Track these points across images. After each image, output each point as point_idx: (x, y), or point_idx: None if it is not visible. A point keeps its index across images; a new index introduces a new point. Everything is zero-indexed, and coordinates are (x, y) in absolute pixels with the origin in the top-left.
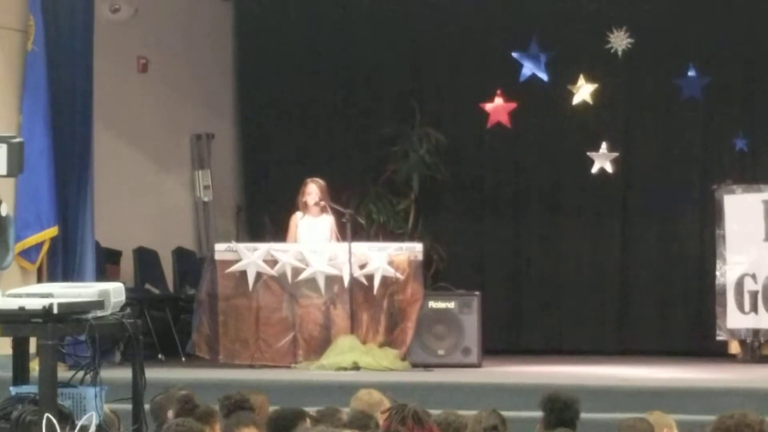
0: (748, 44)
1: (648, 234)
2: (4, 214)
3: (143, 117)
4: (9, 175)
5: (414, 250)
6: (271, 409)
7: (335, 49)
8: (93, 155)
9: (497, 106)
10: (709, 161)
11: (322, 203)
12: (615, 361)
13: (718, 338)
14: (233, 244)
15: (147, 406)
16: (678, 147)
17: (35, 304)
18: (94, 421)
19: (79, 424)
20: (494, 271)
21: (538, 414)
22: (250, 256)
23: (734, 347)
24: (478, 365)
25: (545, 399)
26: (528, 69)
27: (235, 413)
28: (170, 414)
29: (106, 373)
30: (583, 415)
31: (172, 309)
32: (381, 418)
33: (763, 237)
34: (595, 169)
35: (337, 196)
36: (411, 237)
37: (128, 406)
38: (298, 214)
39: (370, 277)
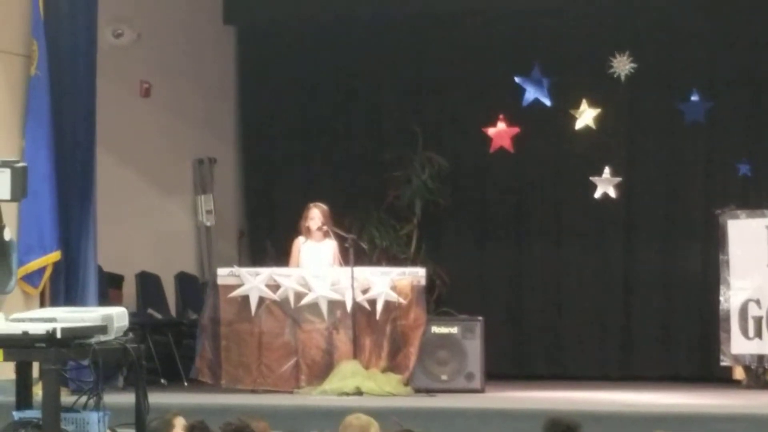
0: (751, 69)
1: (651, 259)
2: (7, 238)
3: (146, 141)
4: (12, 199)
5: (417, 275)
6: None
7: (337, 74)
8: (96, 180)
9: (500, 131)
10: (713, 186)
11: (325, 228)
12: (618, 386)
13: (722, 364)
14: (236, 269)
15: None
16: (681, 172)
17: (38, 328)
18: None
19: None
20: (497, 296)
21: None
22: (253, 281)
23: (738, 373)
24: (481, 390)
25: (548, 423)
26: (531, 94)
27: None
28: None
29: (109, 398)
30: None
31: (175, 334)
32: None
33: (767, 262)
34: (598, 194)
35: (339, 221)
36: (414, 262)
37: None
38: (300, 239)
39: (372, 302)
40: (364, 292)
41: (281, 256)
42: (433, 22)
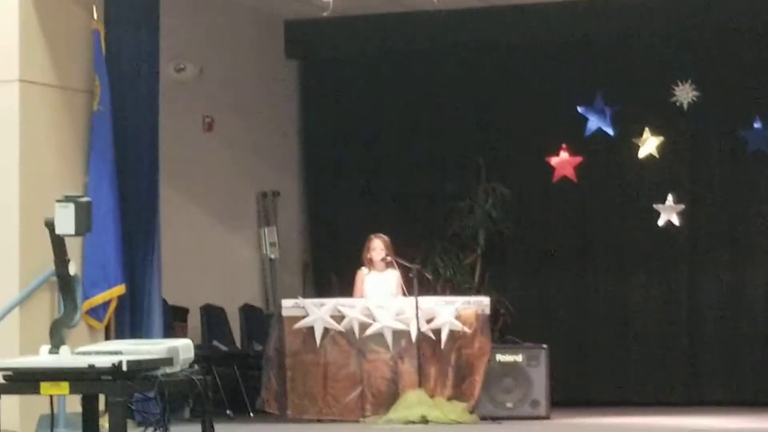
0: None
1: (716, 285)
2: (72, 273)
3: (209, 175)
4: (77, 234)
5: (481, 304)
6: None
7: (400, 106)
8: (160, 213)
9: (563, 160)
10: None
11: (388, 258)
12: (684, 411)
13: None
14: (300, 300)
15: None
16: (744, 198)
17: (104, 361)
18: None
19: None
20: (561, 324)
21: None
22: (317, 312)
23: None
24: (546, 417)
25: None
26: (593, 123)
27: None
28: None
29: (176, 430)
30: None
31: (240, 365)
32: None
33: None
34: (661, 222)
35: (403, 252)
36: (478, 291)
37: None
38: (363, 270)
39: (437, 332)
40: (429, 321)
41: (345, 287)
42: (495, 52)
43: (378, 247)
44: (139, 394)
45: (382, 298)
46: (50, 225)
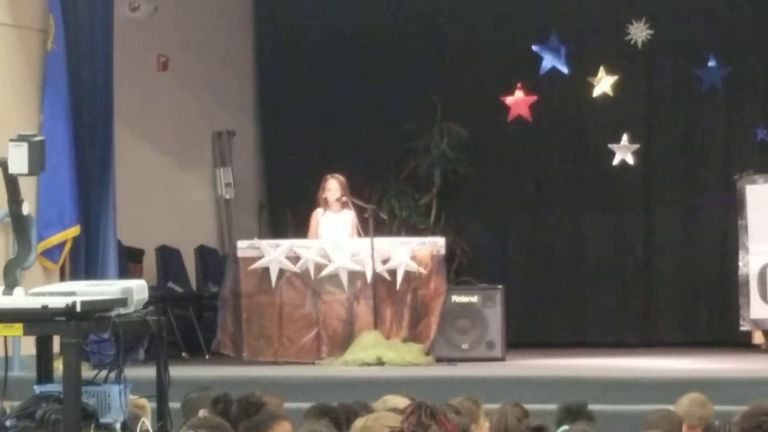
0: None
1: (670, 225)
2: (25, 213)
3: (164, 115)
4: (30, 173)
5: (437, 244)
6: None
7: (356, 45)
8: (114, 154)
9: (518, 100)
10: (731, 152)
11: (344, 199)
12: (639, 352)
13: (742, 329)
14: (256, 241)
15: (173, 405)
16: (699, 138)
17: (58, 302)
18: (120, 419)
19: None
20: (517, 264)
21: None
22: (273, 253)
23: (758, 337)
24: (502, 359)
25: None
26: (548, 62)
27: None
28: (202, 412)
29: (130, 372)
30: (608, 407)
31: (196, 307)
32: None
33: None
34: (616, 161)
35: (358, 192)
36: (433, 232)
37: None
38: (319, 211)
39: (393, 272)
40: (384, 262)
41: (301, 228)
42: None
43: (333, 187)
44: (94, 336)
45: (337, 239)
46: (3, 164)
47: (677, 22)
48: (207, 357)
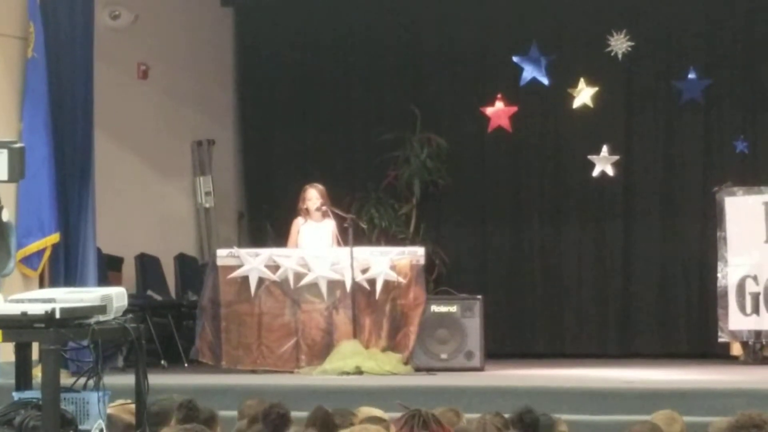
0: (747, 47)
1: (649, 236)
2: (5, 220)
3: (144, 123)
4: (10, 180)
5: (416, 254)
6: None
7: (336, 55)
8: (94, 162)
9: (498, 110)
10: (710, 164)
11: (324, 208)
12: (618, 363)
13: (720, 340)
14: (235, 250)
15: None
16: (679, 150)
17: (37, 309)
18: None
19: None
20: (496, 274)
21: None
22: (252, 262)
23: (736, 349)
24: (480, 369)
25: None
26: (528, 73)
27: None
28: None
29: (109, 379)
30: (586, 418)
31: (175, 315)
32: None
33: (764, 239)
34: (596, 173)
35: (338, 202)
36: (413, 242)
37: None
38: (299, 220)
39: (372, 282)
40: (364, 271)
41: (281, 237)
42: (430, 1)
43: (313, 196)
44: (73, 343)
45: (317, 248)
46: None
47: (657, 34)
48: (186, 365)
